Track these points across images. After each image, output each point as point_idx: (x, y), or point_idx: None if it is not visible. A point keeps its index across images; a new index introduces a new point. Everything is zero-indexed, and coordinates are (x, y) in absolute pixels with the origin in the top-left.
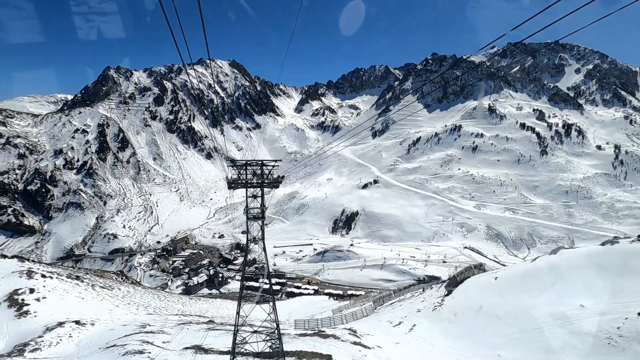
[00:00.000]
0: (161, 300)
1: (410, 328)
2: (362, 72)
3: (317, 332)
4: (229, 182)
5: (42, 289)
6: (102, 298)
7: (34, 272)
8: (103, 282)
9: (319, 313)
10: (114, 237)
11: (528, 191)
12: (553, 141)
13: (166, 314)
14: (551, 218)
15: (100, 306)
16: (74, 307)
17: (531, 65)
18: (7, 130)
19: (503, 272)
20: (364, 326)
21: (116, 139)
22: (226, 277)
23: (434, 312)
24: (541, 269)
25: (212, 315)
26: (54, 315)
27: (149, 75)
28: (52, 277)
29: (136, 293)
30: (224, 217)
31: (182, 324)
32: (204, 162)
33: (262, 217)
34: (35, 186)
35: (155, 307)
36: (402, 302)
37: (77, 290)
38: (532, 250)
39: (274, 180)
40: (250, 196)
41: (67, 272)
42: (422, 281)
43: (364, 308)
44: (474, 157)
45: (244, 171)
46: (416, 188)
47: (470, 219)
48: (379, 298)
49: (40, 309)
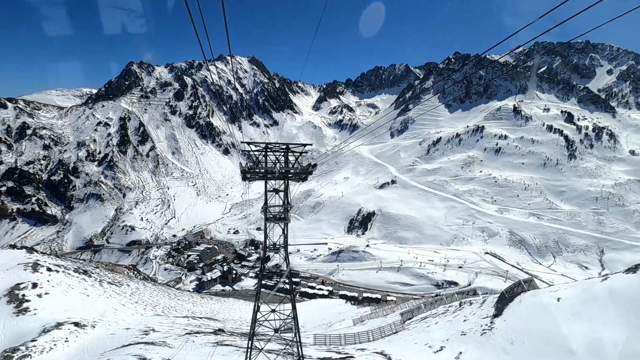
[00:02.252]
0: (171, 298)
1: (457, 357)
2: (382, 71)
3: (344, 359)
4: (243, 171)
5: (46, 284)
6: (109, 295)
7: (40, 265)
8: (112, 278)
9: (337, 321)
10: (132, 229)
11: (554, 196)
12: (582, 145)
13: (174, 316)
14: (579, 225)
15: (106, 304)
16: (77, 304)
17: (559, 66)
18: (34, 122)
19: (565, 291)
20: (397, 349)
21: (137, 132)
22: (240, 274)
23: (484, 338)
24: (619, 292)
25: (223, 317)
26: (54, 313)
27: (170, 71)
28: (58, 271)
29: (145, 290)
30: (240, 213)
31: (188, 333)
32: (221, 158)
33: (286, 219)
34: (58, 177)
35: (164, 307)
36: (437, 317)
37: (83, 286)
38: (558, 258)
39: (302, 170)
40: (270, 190)
41: (76, 265)
42: (440, 286)
43: (393, 324)
44: (496, 159)
45: (263, 157)
46: (435, 190)
47: (491, 223)
48: (408, 311)
49: (41, 306)
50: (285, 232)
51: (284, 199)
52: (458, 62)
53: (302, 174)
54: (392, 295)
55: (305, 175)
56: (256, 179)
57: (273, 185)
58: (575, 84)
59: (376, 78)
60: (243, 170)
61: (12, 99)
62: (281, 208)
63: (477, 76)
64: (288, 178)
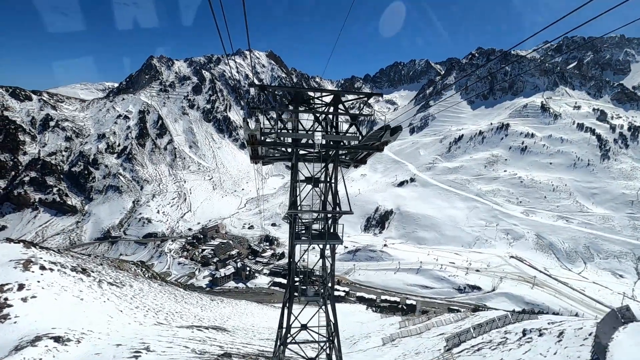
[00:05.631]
0: (178, 302)
1: None
2: (401, 67)
3: None
4: (251, 136)
5: (35, 286)
6: (106, 299)
7: (33, 263)
8: (114, 277)
9: (361, 335)
10: (148, 221)
11: (585, 199)
12: (616, 144)
13: (177, 326)
14: (612, 230)
15: (101, 310)
16: (67, 310)
17: (591, 62)
18: (57, 114)
19: None
20: None
21: (155, 125)
22: (253, 272)
23: None
24: None
25: (233, 326)
26: (38, 322)
27: (189, 65)
28: (52, 270)
29: (150, 292)
30: (255, 208)
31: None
32: (237, 152)
33: (337, 239)
34: (79, 168)
35: (168, 312)
36: (496, 350)
37: (78, 288)
38: (589, 264)
39: (373, 136)
40: (301, 180)
41: (76, 262)
42: (462, 290)
43: (441, 356)
44: (522, 158)
45: (288, 117)
46: (457, 189)
47: (517, 225)
48: (453, 336)
49: (24, 313)
50: (330, 254)
51: (325, 194)
52: (482, 58)
53: (368, 148)
54: (412, 298)
55: (375, 147)
56: (276, 157)
57: (306, 170)
58: (608, 81)
59: (395, 74)
60: (251, 135)
61: (37, 92)
62: (321, 215)
63: (502, 72)
64: (338, 156)
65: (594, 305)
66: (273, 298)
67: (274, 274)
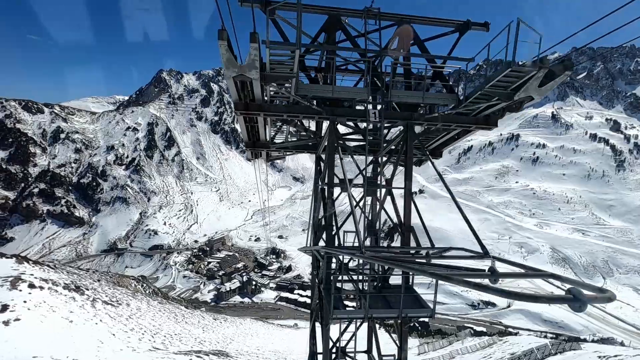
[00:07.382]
0: (178, 322)
1: None
2: None
3: None
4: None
5: (21, 307)
6: (99, 320)
7: (22, 281)
8: (111, 295)
9: None
10: (155, 233)
11: (601, 211)
12: (632, 155)
13: (175, 352)
14: (632, 244)
15: (91, 334)
16: (53, 335)
17: (601, 71)
18: (68, 126)
19: None
20: None
21: (163, 137)
22: (260, 286)
23: None
24: None
25: (237, 349)
26: (18, 349)
27: (198, 78)
28: (42, 288)
29: (148, 311)
30: (261, 220)
31: None
32: (244, 164)
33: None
34: (87, 179)
35: (166, 334)
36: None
37: (69, 309)
38: (609, 280)
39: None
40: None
41: (71, 278)
42: (476, 307)
43: None
44: (534, 169)
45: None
46: (467, 201)
47: (530, 238)
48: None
49: (4, 338)
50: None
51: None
52: (490, 68)
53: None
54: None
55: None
56: (290, 144)
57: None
58: (620, 91)
59: None
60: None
61: (49, 104)
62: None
63: None
64: (413, 136)
65: (616, 324)
66: (280, 314)
67: (280, 288)
